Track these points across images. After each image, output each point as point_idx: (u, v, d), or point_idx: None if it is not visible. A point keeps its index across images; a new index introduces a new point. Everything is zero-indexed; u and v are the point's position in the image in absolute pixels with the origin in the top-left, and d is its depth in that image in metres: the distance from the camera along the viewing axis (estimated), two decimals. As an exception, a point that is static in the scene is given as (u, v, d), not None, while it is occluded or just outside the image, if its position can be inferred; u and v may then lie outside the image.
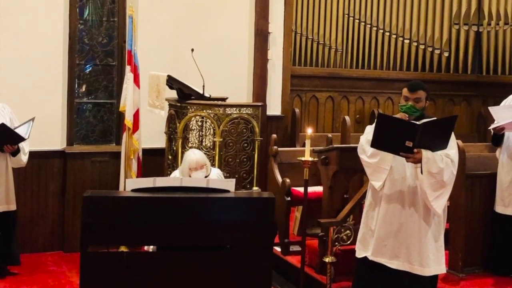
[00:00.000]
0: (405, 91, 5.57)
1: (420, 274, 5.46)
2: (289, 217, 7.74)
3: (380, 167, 5.48)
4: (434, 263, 5.50)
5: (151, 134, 8.44)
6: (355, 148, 5.76)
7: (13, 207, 7.43)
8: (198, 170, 6.53)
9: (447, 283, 6.95)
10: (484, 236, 7.36)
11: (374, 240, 5.59)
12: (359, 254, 5.72)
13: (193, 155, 6.62)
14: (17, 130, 7.20)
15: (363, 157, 5.60)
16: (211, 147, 7.76)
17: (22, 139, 7.20)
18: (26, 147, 7.42)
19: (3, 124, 7.10)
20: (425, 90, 5.57)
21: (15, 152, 7.30)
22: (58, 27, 8.35)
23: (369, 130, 5.56)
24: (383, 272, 5.55)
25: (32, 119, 7.35)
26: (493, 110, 7.18)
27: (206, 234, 5.13)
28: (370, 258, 5.60)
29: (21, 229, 7.94)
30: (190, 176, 6.52)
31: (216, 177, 6.79)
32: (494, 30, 10.66)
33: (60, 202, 8.46)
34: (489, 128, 7.30)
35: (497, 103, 7.43)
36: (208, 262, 5.14)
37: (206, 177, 6.62)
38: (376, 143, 5.32)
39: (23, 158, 7.40)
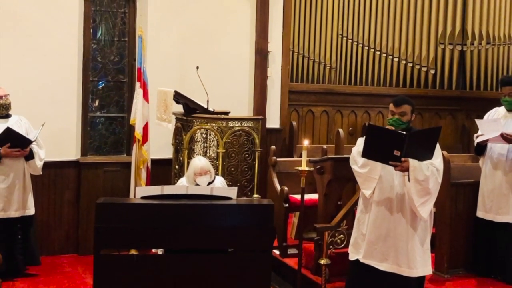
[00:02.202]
0: (391, 106, 5.61)
1: (408, 275, 5.49)
2: (287, 222, 7.74)
3: (370, 176, 5.51)
4: (421, 265, 5.52)
5: (159, 145, 8.45)
6: (348, 158, 5.79)
7: (30, 211, 7.43)
8: (202, 175, 6.57)
9: (433, 283, 6.93)
10: (468, 240, 7.35)
11: (365, 244, 5.61)
12: (352, 257, 5.74)
13: (199, 162, 6.68)
14: (28, 136, 7.25)
15: (354, 167, 5.63)
16: (215, 157, 7.77)
17: (29, 141, 7.19)
18: (42, 154, 7.42)
19: (8, 128, 7.13)
20: (410, 104, 5.59)
21: (30, 157, 7.31)
22: (73, 46, 8.38)
23: (360, 142, 5.59)
24: (373, 273, 5.56)
25: (42, 125, 7.37)
26: (479, 122, 7.17)
27: (210, 238, 5.15)
28: (362, 260, 5.62)
29: (38, 233, 7.95)
30: (195, 181, 6.56)
31: (220, 185, 6.81)
32: (477, 49, 10.69)
33: (74, 208, 8.48)
34: (474, 140, 7.29)
35: (480, 117, 7.43)
36: (212, 264, 5.16)
37: (210, 183, 6.65)
38: (366, 153, 5.34)
39: (38, 163, 7.38)
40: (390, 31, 10.72)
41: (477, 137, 7.18)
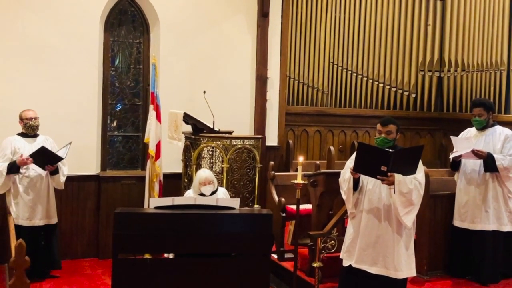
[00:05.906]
0: (378, 125, 5.62)
1: (395, 277, 5.49)
2: (284, 230, 7.73)
3: (346, 202, 5.64)
4: (406, 268, 5.53)
5: (170, 161, 8.46)
6: (339, 173, 5.83)
7: (53, 220, 7.45)
8: (206, 185, 6.61)
9: (415, 284, 6.93)
10: (445, 245, 7.36)
11: (356, 251, 5.62)
12: (345, 263, 5.72)
13: (203, 173, 6.72)
14: (57, 153, 7.28)
15: (341, 191, 5.73)
16: (220, 172, 7.78)
17: (60, 158, 7.24)
18: (65, 170, 7.46)
19: (43, 147, 7.17)
20: (395, 124, 5.61)
21: (55, 172, 7.34)
22: (93, 73, 8.42)
23: (349, 164, 5.62)
24: (364, 276, 5.57)
25: (69, 143, 7.41)
26: (454, 139, 7.21)
27: (215, 244, 5.14)
28: (354, 265, 5.60)
29: (62, 239, 7.96)
30: (200, 190, 6.58)
31: (223, 195, 6.84)
32: (453, 75, 10.71)
33: (95, 217, 8.49)
34: (449, 157, 7.33)
35: (455, 135, 7.46)
36: (217, 267, 5.15)
37: (213, 192, 6.68)
38: (357, 168, 5.36)
39: (61, 178, 7.43)
40: (376, 59, 10.76)
41: (451, 153, 7.23)
